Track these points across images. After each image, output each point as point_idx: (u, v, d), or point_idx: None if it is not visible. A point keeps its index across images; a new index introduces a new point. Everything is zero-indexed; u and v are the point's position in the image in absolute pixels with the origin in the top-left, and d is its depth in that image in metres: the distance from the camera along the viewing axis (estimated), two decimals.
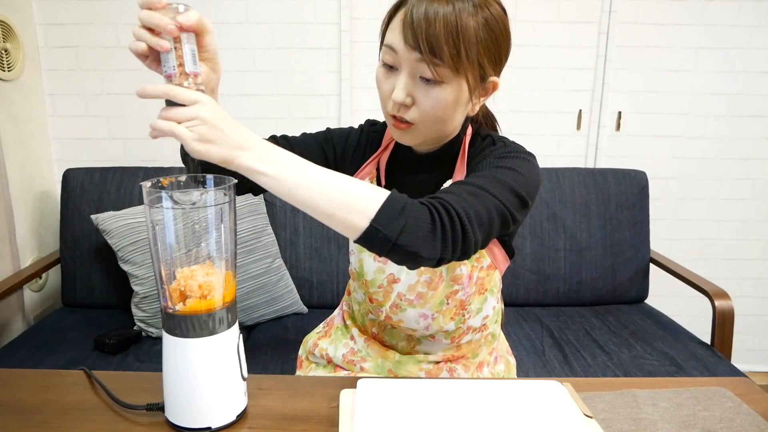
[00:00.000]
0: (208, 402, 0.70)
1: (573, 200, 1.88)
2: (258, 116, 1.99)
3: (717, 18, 1.98)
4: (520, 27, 1.97)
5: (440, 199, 0.70)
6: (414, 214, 0.66)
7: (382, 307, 0.93)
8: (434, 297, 0.89)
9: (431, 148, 0.88)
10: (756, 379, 2.25)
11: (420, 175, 0.91)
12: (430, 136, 0.82)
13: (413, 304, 0.90)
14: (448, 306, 0.90)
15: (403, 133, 0.81)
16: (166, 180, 0.70)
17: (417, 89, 0.76)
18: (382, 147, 0.95)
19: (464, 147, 0.87)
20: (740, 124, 2.08)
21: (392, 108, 0.79)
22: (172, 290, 0.68)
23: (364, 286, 0.94)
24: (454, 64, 0.73)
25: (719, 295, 1.59)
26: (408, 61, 0.75)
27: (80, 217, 1.76)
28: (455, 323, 0.92)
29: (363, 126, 1.00)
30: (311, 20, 1.93)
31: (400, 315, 0.92)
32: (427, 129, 0.80)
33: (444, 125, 0.80)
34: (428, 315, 0.91)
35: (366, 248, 0.68)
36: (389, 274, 0.90)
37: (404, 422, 0.67)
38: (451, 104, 0.77)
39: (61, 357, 1.48)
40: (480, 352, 1.00)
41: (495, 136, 0.88)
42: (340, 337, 1.05)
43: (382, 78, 0.80)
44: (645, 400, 0.79)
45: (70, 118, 1.98)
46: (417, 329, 0.93)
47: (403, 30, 0.74)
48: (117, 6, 1.89)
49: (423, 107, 0.77)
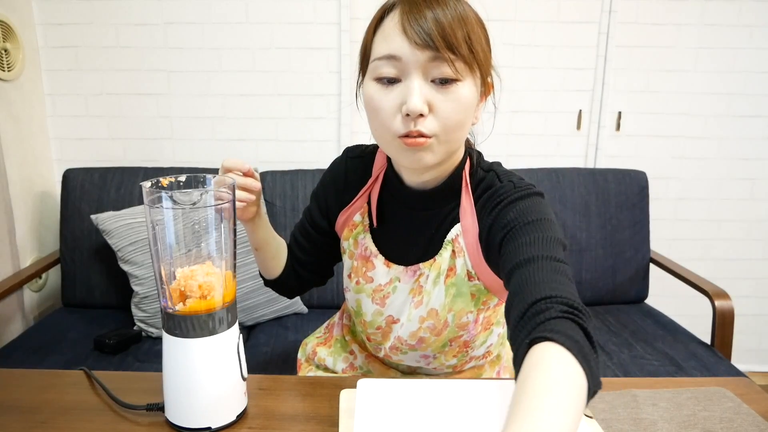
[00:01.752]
0: (208, 402, 0.70)
1: (573, 200, 1.88)
2: (258, 116, 1.99)
3: (717, 18, 1.98)
4: (520, 27, 1.97)
5: (566, 299, 0.59)
6: (585, 345, 0.56)
7: (381, 345, 0.90)
8: (437, 341, 0.85)
9: (431, 179, 0.80)
10: (756, 379, 2.25)
11: (420, 212, 0.83)
12: (449, 149, 0.73)
13: (414, 348, 0.87)
14: (450, 347, 0.87)
15: (421, 152, 0.71)
16: (166, 180, 0.70)
17: (432, 94, 0.68)
18: (373, 178, 0.87)
19: (465, 179, 0.81)
20: (740, 124, 2.08)
21: (403, 124, 0.69)
22: (172, 290, 0.68)
23: (362, 325, 0.91)
24: (472, 54, 0.68)
25: (719, 295, 1.59)
26: (418, 63, 0.67)
27: (80, 217, 1.76)
28: (458, 359, 0.90)
29: (338, 159, 0.93)
30: (311, 20, 1.93)
31: (400, 356, 0.90)
32: (448, 140, 0.71)
33: (461, 133, 0.73)
34: (429, 356, 0.88)
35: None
36: (388, 316, 0.87)
37: (404, 422, 0.67)
38: (471, 105, 0.71)
39: (61, 357, 1.48)
40: (483, 372, 0.98)
41: (497, 169, 0.81)
42: (339, 350, 1.03)
43: (379, 96, 0.70)
44: (645, 400, 0.79)
45: (70, 118, 1.98)
46: (417, 366, 0.92)
47: (405, 31, 0.67)
48: (117, 6, 1.89)
49: (443, 112, 0.68)
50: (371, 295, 0.87)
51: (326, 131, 2.02)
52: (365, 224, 0.88)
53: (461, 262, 0.81)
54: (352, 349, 1.01)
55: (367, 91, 0.73)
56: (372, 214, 0.87)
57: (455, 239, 0.81)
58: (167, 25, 1.91)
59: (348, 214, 0.90)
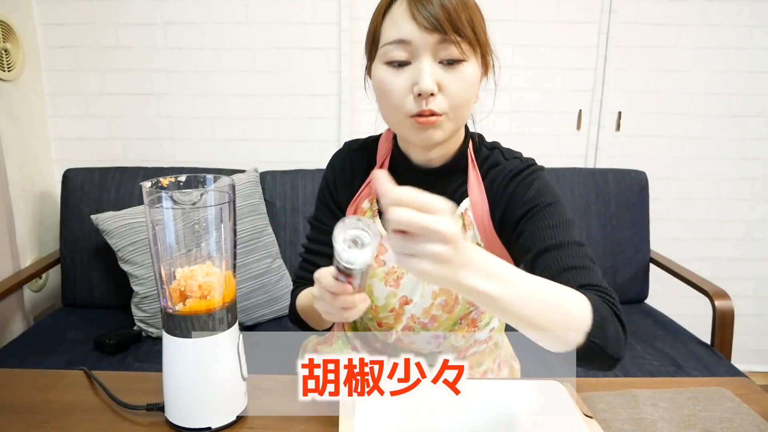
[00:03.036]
0: (208, 402, 0.70)
1: (573, 200, 1.87)
2: (258, 116, 1.99)
3: (717, 18, 1.98)
4: (520, 27, 1.97)
5: (601, 288, 0.70)
6: (609, 316, 0.65)
7: (393, 329, 0.90)
8: (449, 319, 0.87)
9: (437, 158, 0.84)
10: (756, 379, 2.25)
11: (429, 190, 0.83)
12: (457, 126, 0.79)
13: (426, 327, 0.88)
14: (460, 326, 0.89)
15: (432, 129, 0.76)
16: (166, 180, 0.70)
17: (441, 74, 0.73)
18: (378, 164, 0.90)
19: (470, 157, 0.85)
20: (740, 124, 2.08)
21: (415, 104, 0.74)
22: (172, 290, 0.68)
23: (374, 311, 0.91)
24: (475, 35, 0.74)
25: (719, 295, 1.59)
26: (427, 46, 0.72)
27: (80, 217, 1.76)
28: (466, 340, 0.91)
29: (340, 152, 0.95)
30: (311, 20, 1.93)
31: (413, 337, 0.90)
32: (457, 117, 0.76)
33: (468, 110, 0.78)
34: (440, 336, 0.89)
35: (584, 364, 0.66)
36: (402, 297, 0.87)
37: (404, 422, 0.67)
38: (476, 83, 0.76)
39: (61, 357, 1.47)
40: (484, 361, 0.98)
41: (500, 147, 0.88)
42: (341, 347, 1.03)
43: (390, 79, 0.75)
44: (645, 400, 0.79)
45: (70, 118, 1.98)
46: (427, 349, 0.92)
47: (414, 17, 0.72)
48: (117, 6, 1.89)
49: (452, 91, 0.74)
50: (384, 278, 0.88)
51: (326, 131, 2.02)
52: (374, 209, 0.89)
53: (471, 235, 0.84)
54: (354, 345, 1.02)
55: (377, 75, 0.77)
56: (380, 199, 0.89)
57: (464, 213, 0.84)
58: (167, 25, 1.91)
59: (357, 203, 0.92)
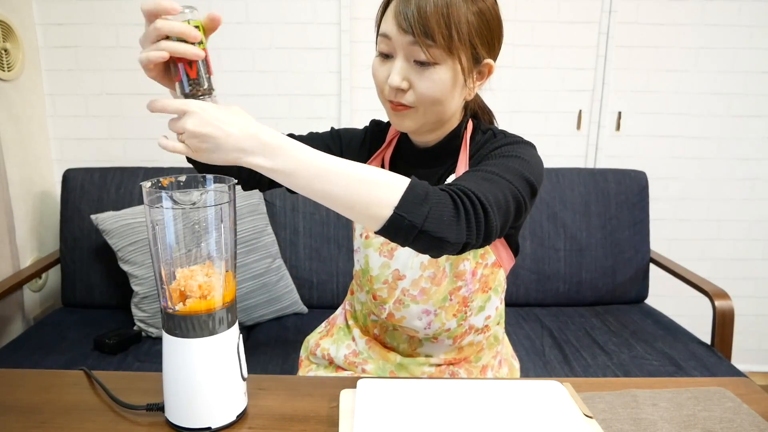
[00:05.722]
0: (208, 402, 0.70)
1: (573, 200, 1.88)
2: (258, 116, 1.98)
3: (717, 18, 1.98)
4: (520, 27, 1.97)
5: (458, 185, 0.70)
6: (437, 200, 0.66)
7: (386, 304, 0.93)
8: (437, 293, 0.90)
9: (432, 140, 0.89)
10: (756, 379, 2.25)
11: (421, 169, 0.91)
12: (429, 120, 0.83)
13: (416, 300, 0.91)
14: (450, 302, 0.91)
15: (402, 116, 0.82)
16: (166, 180, 0.70)
17: (412, 73, 0.78)
18: (386, 143, 0.97)
19: (465, 140, 0.88)
20: (740, 124, 2.08)
21: (389, 93, 0.80)
22: (172, 290, 0.68)
23: (369, 282, 0.94)
24: (447, 44, 0.75)
25: (719, 295, 1.59)
26: (402, 45, 0.77)
27: (80, 217, 1.76)
28: (457, 320, 0.92)
29: (368, 127, 1.02)
30: (311, 20, 1.93)
31: (403, 311, 0.92)
32: (426, 112, 0.81)
33: (442, 107, 0.81)
34: (431, 311, 0.91)
35: (389, 238, 0.67)
36: (394, 270, 0.91)
37: (404, 422, 0.67)
38: (446, 85, 0.78)
39: (61, 357, 1.48)
40: (483, 355, 0.99)
41: (495, 129, 0.89)
42: (342, 337, 1.05)
43: (377, 67, 0.82)
44: (645, 400, 0.79)
45: (70, 118, 1.98)
46: (419, 329, 0.93)
47: (396, 17, 0.76)
48: (117, 6, 1.89)
49: (419, 89, 0.78)
50: (379, 248, 0.92)
51: None
52: None
53: None
54: (353, 335, 1.04)
55: (373, 61, 0.84)
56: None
57: None
58: None
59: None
